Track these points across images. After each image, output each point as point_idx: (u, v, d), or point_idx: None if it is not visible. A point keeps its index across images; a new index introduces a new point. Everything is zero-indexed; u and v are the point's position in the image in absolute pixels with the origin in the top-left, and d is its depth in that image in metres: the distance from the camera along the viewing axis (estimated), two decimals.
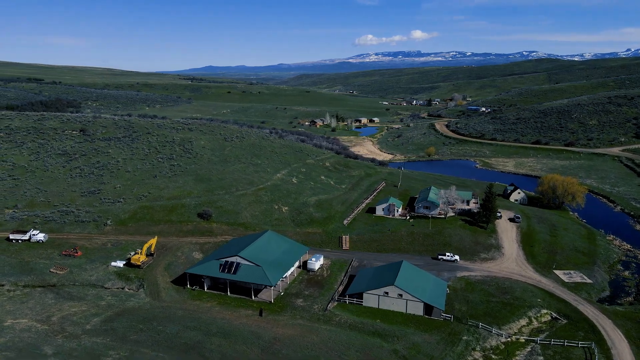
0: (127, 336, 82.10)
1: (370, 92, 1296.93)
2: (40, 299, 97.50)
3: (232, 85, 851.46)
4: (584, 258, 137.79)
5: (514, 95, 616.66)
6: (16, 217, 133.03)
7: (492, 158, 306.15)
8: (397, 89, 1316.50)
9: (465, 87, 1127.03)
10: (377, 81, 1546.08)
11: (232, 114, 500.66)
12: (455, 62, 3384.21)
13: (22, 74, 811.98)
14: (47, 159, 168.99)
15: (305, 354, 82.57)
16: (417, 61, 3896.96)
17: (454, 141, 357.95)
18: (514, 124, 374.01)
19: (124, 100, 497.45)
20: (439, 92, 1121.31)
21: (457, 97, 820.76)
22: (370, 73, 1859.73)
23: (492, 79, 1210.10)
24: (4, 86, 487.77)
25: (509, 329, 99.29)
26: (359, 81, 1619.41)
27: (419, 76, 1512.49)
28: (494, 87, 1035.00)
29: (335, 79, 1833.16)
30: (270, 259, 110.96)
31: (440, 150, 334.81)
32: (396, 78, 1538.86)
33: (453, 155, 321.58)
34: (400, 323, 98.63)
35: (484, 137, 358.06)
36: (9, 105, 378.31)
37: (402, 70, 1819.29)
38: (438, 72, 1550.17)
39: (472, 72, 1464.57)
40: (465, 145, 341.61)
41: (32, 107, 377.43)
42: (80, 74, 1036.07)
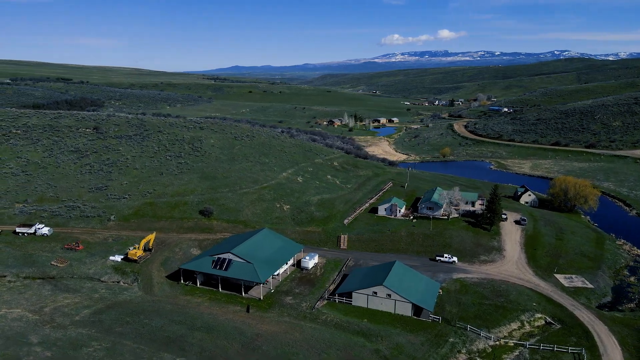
0: (112, 328, 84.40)
1: (393, 92, 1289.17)
2: (37, 290, 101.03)
3: (254, 85, 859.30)
4: (589, 262, 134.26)
5: (538, 95, 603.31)
6: (25, 211, 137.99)
7: (509, 159, 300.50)
8: (421, 89, 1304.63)
9: (491, 87, 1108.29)
10: (401, 81, 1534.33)
11: (251, 113, 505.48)
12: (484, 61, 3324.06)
13: (53, 74, 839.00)
14: (60, 155, 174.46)
15: (285, 350, 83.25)
16: (443, 61, 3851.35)
17: (470, 142, 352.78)
18: (534, 125, 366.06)
19: (146, 100, 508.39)
20: (463, 92, 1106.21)
21: (482, 97, 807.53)
22: (395, 73, 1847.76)
23: (519, 78, 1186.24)
24: (33, 86, 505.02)
25: (498, 333, 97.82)
26: (383, 81, 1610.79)
27: (443, 76, 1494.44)
28: (520, 87, 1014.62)
29: (360, 79, 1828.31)
30: (263, 257, 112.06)
31: (455, 151, 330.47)
32: (420, 78, 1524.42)
33: (468, 156, 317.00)
34: (387, 323, 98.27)
35: (501, 137, 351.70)
36: (35, 104, 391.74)
37: (427, 70, 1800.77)
38: (463, 72, 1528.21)
39: (498, 72, 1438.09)
40: (482, 146, 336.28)
41: (57, 106, 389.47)
42: (108, 73, 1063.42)
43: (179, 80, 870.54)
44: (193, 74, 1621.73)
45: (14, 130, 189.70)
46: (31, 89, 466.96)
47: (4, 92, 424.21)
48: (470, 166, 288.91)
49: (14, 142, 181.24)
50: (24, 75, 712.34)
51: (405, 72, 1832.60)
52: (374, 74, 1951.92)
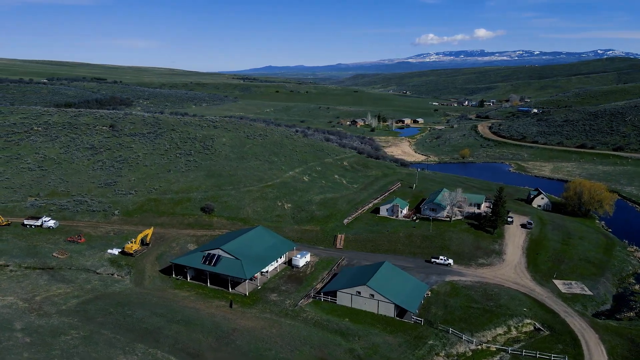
0: (95, 318, 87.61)
1: (424, 92, 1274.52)
2: (35, 279, 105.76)
3: (281, 85, 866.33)
4: (592, 269, 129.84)
5: (571, 96, 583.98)
6: (36, 205, 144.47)
7: (529, 162, 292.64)
8: (453, 89, 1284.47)
9: (525, 88, 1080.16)
10: (432, 81, 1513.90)
11: (275, 112, 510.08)
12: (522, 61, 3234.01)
13: (89, 73, 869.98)
14: (75, 152, 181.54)
15: (259, 346, 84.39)
16: (479, 61, 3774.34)
17: (492, 143, 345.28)
18: (560, 127, 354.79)
19: (173, 99, 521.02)
20: (496, 93, 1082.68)
21: (514, 98, 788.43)
22: (427, 73, 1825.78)
23: (555, 79, 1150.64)
24: (67, 85, 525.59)
25: (482, 337, 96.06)
26: (414, 81, 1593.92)
27: (476, 76, 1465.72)
28: (556, 88, 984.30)
29: (391, 79, 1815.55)
30: (252, 254, 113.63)
31: (475, 153, 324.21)
32: (452, 78, 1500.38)
33: (488, 158, 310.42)
34: (368, 323, 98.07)
35: (525, 139, 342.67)
36: (67, 102, 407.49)
37: (460, 70, 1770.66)
38: (497, 72, 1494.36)
39: (533, 72, 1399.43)
40: (504, 148, 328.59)
41: (87, 105, 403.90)
42: (142, 73, 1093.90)
43: (209, 80, 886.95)
44: (225, 74, 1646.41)
45: (35, 128, 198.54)
46: (65, 88, 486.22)
47: (39, 92, 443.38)
48: (488, 168, 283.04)
49: (34, 138, 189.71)
50: (64, 75, 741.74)
51: (437, 72, 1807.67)
52: (405, 74, 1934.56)
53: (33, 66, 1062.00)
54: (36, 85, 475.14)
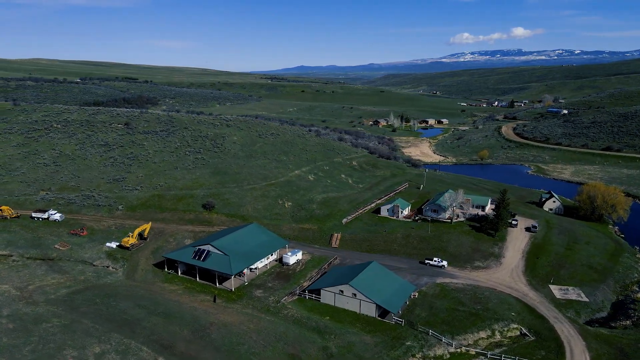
0: (79, 307, 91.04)
1: (454, 92, 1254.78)
2: (33, 270, 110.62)
3: (307, 84, 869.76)
4: (594, 275, 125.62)
5: (604, 97, 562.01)
6: (46, 199, 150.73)
7: (550, 164, 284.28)
8: (484, 89, 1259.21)
9: (560, 88, 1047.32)
10: (463, 81, 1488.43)
11: (298, 112, 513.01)
12: (561, 61, 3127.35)
13: (123, 73, 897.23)
14: (90, 148, 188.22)
15: (232, 340, 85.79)
16: (516, 60, 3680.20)
17: (514, 145, 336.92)
18: (587, 128, 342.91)
19: (198, 98, 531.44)
20: (529, 93, 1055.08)
21: (547, 99, 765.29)
22: (459, 73, 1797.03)
23: (593, 79, 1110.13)
24: (98, 84, 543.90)
25: (463, 340, 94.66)
26: (446, 81, 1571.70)
27: (509, 76, 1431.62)
28: (593, 88, 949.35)
29: (422, 79, 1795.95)
30: (242, 250, 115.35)
31: (495, 154, 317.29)
32: (484, 78, 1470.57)
33: (507, 160, 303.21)
34: (348, 322, 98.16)
35: (548, 141, 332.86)
36: (96, 101, 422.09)
37: (494, 70, 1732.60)
38: (532, 72, 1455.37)
39: (570, 72, 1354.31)
40: (525, 150, 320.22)
41: (115, 104, 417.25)
42: (174, 73, 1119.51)
43: (237, 79, 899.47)
44: (255, 73, 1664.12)
45: (55, 125, 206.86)
46: (95, 87, 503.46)
47: (71, 91, 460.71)
48: (506, 170, 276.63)
49: (53, 135, 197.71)
50: (99, 75, 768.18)
51: (470, 72, 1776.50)
52: (436, 74, 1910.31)
53: (71, 66, 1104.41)
54: (69, 84, 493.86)
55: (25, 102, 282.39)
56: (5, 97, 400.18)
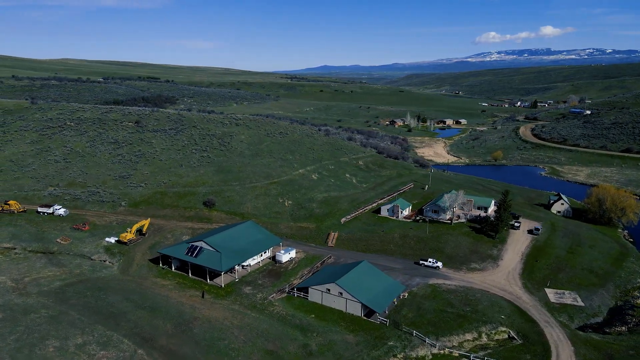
0: (68, 300, 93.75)
1: (477, 92, 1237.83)
2: (33, 262, 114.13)
3: (327, 84, 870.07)
4: (594, 279, 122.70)
5: (630, 97, 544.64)
6: (53, 194, 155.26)
7: (566, 166, 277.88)
8: (508, 89, 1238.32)
9: (587, 88, 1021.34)
10: (487, 81, 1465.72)
11: (314, 111, 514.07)
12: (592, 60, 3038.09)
13: (148, 73, 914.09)
14: (100, 146, 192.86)
15: (214, 335, 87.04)
16: (545, 60, 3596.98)
17: (529, 146, 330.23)
18: (607, 129, 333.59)
19: (216, 97, 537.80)
20: (554, 94, 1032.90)
21: (573, 99, 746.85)
22: (483, 73, 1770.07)
23: (622, 79, 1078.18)
24: (120, 84, 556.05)
25: (447, 341, 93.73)
26: (469, 81, 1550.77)
27: (534, 76, 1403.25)
28: (622, 88, 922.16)
29: (445, 79, 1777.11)
30: (234, 247, 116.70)
31: (510, 155, 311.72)
32: (509, 78, 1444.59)
33: (522, 161, 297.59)
34: (333, 321, 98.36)
35: (565, 142, 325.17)
36: (115, 100, 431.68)
37: (519, 70, 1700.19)
38: (558, 71, 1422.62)
39: (598, 72, 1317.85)
40: (540, 151, 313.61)
41: (134, 102, 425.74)
42: (197, 73, 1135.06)
43: (257, 79, 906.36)
44: (277, 73, 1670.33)
45: (68, 123, 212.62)
46: (117, 86, 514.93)
47: (93, 90, 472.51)
48: (519, 171, 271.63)
49: (66, 132, 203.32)
50: (125, 74, 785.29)
51: (494, 71, 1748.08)
52: (459, 73, 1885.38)
53: (98, 66, 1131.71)
54: (91, 84, 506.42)
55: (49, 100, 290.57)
56: (31, 96, 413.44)
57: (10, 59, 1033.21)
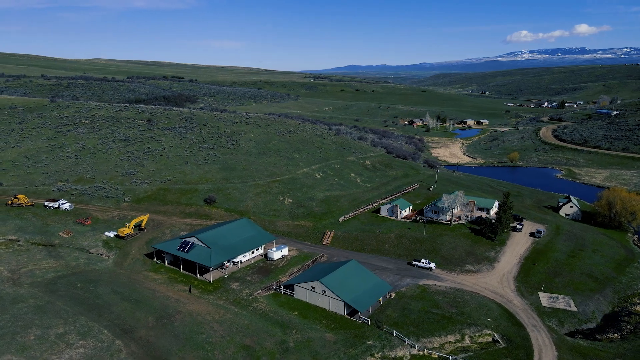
0: (58, 290, 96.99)
1: (505, 92, 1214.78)
2: (33, 254, 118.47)
3: (348, 84, 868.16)
4: (592, 284, 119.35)
5: None
6: (62, 189, 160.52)
7: (584, 168, 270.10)
8: (536, 89, 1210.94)
9: (620, 88, 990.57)
10: (515, 81, 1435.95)
11: (333, 111, 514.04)
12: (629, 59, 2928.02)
13: (174, 72, 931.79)
14: (111, 143, 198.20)
15: (193, 329, 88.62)
16: (579, 59, 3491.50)
17: (548, 147, 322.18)
18: (631, 131, 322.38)
19: (236, 96, 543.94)
20: (585, 94, 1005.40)
21: (604, 99, 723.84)
22: (511, 72, 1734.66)
23: None
24: (143, 83, 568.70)
25: (428, 343, 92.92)
26: (497, 81, 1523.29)
27: (565, 76, 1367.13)
28: None
29: (472, 79, 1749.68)
30: (226, 244, 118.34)
31: (527, 157, 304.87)
32: (538, 78, 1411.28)
33: (538, 163, 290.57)
34: (315, 318, 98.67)
35: (586, 143, 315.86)
36: (137, 99, 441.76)
37: (550, 69, 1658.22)
38: (590, 71, 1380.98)
39: (633, 71, 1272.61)
40: (559, 152, 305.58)
41: (155, 101, 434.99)
42: (221, 72, 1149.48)
43: (280, 78, 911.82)
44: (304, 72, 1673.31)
45: (83, 120, 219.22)
46: (139, 86, 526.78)
47: (117, 89, 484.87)
48: (534, 173, 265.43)
49: (80, 130, 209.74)
50: (150, 74, 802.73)
51: (523, 71, 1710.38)
52: (487, 73, 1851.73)
53: (126, 66, 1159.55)
54: (115, 83, 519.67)
55: (68, 99, 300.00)
56: (57, 94, 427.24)
57: (43, 59, 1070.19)
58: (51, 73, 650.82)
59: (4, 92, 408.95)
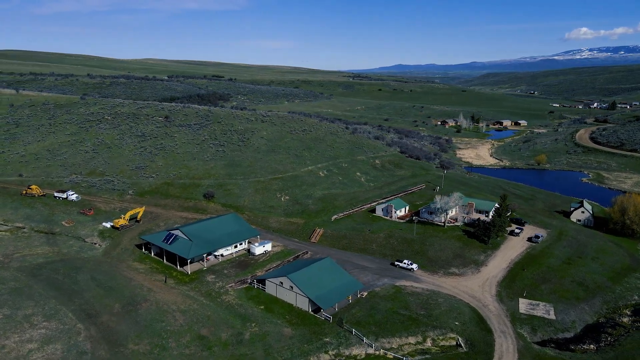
0: (40, 275, 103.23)
1: (555, 92, 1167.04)
2: (32, 241, 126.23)
3: (386, 83, 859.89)
4: (581, 293, 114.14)
5: None
6: (73, 181, 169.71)
7: (614, 172, 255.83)
8: (589, 89, 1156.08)
9: None
10: (568, 81, 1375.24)
11: (365, 110, 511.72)
12: None
13: (216, 72, 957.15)
14: (127, 138, 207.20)
15: (155, 317, 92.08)
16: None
17: (580, 150, 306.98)
18: None
19: (269, 95, 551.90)
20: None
21: None
22: (565, 72, 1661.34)
23: None
24: (181, 82, 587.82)
25: (387, 343, 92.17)
26: (548, 80, 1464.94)
27: (623, 75, 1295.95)
28: None
29: (522, 78, 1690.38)
30: (208, 237, 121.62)
31: (556, 159, 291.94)
32: (593, 77, 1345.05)
33: (567, 166, 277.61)
34: (279, 313, 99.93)
35: (622, 147, 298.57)
36: (172, 97, 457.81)
37: (607, 69, 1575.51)
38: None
39: None
40: (590, 156, 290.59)
41: (189, 99, 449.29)
42: (261, 72, 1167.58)
43: (318, 77, 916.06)
44: (348, 72, 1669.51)
45: (106, 117, 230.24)
46: (177, 84, 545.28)
47: (155, 87, 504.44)
48: (559, 176, 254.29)
49: (102, 126, 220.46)
50: (193, 73, 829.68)
51: (578, 70, 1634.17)
52: (539, 72, 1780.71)
53: (173, 65, 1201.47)
54: (155, 81, 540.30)
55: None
56: (100, 93, 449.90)
57: (96, 59, 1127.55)
58: (102, 72, 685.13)
59: (53, 90, 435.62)
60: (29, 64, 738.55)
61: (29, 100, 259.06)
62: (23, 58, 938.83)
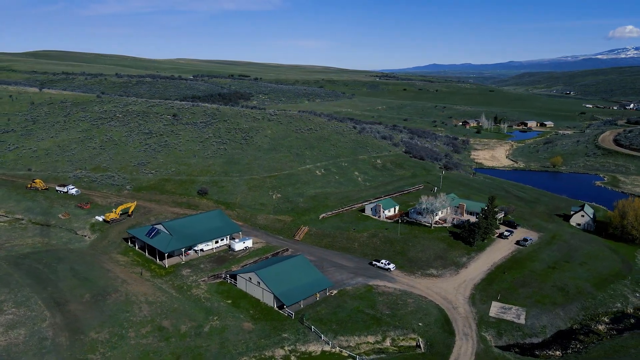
0: (22, 264, 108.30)
1: (592, 93, 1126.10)
2: (25, 231, 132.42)
3: (412, 83, 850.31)
4: (559, 298, 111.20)
5: None
6: (77, 176, 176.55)
7: (632, 175, 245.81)
8: (629, 90, 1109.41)
9: None
10: (607, 81, 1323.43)
11: (385, 110, 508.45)
12: None
13: (244, 71, 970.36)
14: (134, 136, 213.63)
15: (120, 307, 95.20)
16: None
17: (600, 152, 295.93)
18: None
19: (289, 95, 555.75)
20: None
21: None
22: (605, 71, 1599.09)
23: None
24: (206, 81, 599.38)
25: (345, 341, 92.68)
26: (587, 80, 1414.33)
27: None
28: None
29: (559, 78, 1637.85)
30: (188, 232, 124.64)
31: (573, 161, 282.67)
32: (634, 77, 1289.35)
33: (583, 168, 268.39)
34: (244, 308, 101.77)
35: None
36: (194, 95, 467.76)
37: None
38: None
39: None
40: (610, 158, 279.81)
41: (210, 98, 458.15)
42: (290, 71, 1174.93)
43: (344, 77, 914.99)
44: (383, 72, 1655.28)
45: (118, 114, 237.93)
46: (200, 84, 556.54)
47: (179, 86, 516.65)
48: (572, 179, 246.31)
49: (112, 123, 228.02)
50: (220, 72, 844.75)
51: (619, 69, 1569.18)
52: (577, 72, 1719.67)
53: (203, 65, 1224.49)
54: (179, 81, 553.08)
55: (113, 95, 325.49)
56: (126, 92, 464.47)
57: (129, 59, 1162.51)
58: (131, 72, 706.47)
59: (82, 88, 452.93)
60: (64, 63, 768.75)
61: (49, 98, 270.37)
62: (63, 58, 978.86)
